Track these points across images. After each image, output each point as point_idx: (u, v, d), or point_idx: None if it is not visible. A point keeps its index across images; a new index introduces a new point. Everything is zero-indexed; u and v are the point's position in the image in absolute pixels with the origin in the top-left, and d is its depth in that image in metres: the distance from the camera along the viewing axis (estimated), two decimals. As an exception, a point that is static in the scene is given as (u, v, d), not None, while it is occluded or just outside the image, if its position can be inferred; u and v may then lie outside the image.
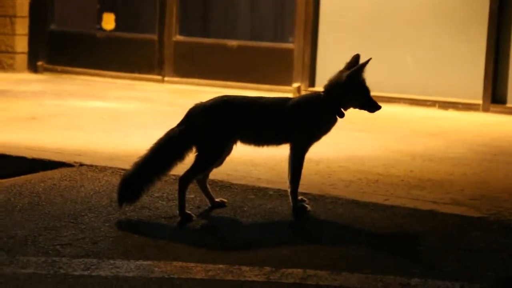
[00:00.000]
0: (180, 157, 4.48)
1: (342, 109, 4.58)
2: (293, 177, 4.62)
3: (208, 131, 4.46)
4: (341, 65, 4.63)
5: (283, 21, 10.72)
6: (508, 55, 9.44)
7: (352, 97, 4.54)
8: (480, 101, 9.45)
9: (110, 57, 11.37)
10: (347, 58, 4.61)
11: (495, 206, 4.94)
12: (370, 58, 4.46)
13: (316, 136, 4.62)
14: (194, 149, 4.48)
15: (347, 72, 4.51)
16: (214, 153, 4.51)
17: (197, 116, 4.48)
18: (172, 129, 4.53)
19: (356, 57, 4.59)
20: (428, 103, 9.63)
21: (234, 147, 4.61)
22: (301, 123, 4.55)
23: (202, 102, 4.55)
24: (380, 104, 4.64)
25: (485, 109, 9.41)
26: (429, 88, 9.72)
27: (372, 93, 4.62)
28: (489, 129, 8.27)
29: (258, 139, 4.59)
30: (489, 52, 9.42)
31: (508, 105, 9.39)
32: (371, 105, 4.58)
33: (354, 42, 9.84)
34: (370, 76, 4.73)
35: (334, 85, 4.57)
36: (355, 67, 4.50)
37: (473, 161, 6.40)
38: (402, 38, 9.85)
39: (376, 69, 9.52)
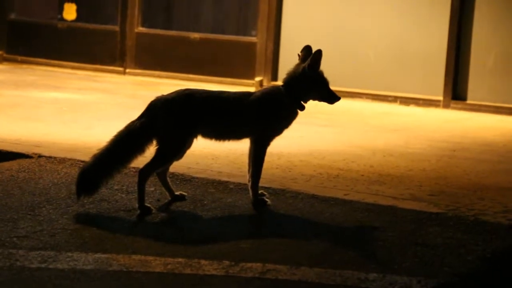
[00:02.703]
0: (140, 150, 4.46)
1: (302, 102, 4.60)
2: (254, 171, 4.62)
3: (169, 124, 4.44)
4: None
5: (246, 15, 10.71)
6: (469, 52, 9.53)
7: (311, 89, 4.56)
8: (440, 98, 9.53)
9: (71, 48, 11.27)
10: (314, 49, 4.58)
11: (453, 202, 4.99)
12: (320, 50, 4.48)
13: (278, 130, 4.63)
14: (154, 142, 4.46)
15: (304, 64, 4.53)
16: (174, 147, 4.49)
17: (158, 109, 4.46)
18: (133, 122, 4.50)
19: (307, 48, 4.60)
20: (390, 98, 9.69)
21: (195, 140, 4.60)
22: (263, 117, 4.55)
23: (163, 95, 4.53)
24: (342, 99, 4.66)
25: (446, 106, 9.49)
26: (391, 83, 9.78)
27: (334, 88, 4.64)
28: (449, 125, 8.35)
29: (220, 133, 4.59)
30: (450, 48, 9.51)
31: (468, 101, 9.49)
32: (331, 97, 4.60)
33: (318, 36, 9.86)
34: (332, 71, 4.74)
35: (292, 78, 4.58)
36: (310, 58, 4.51)
37: (433, 157, 6.46)
38: (365, 33, 9.90)
39: (338, 64, 9.60)
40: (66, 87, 9.55)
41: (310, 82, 4.54)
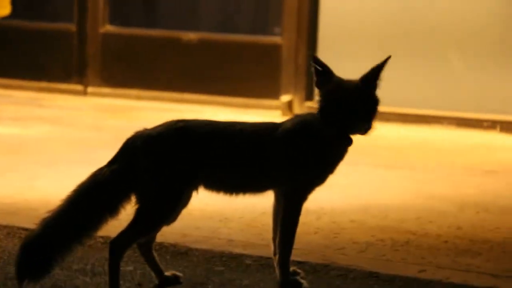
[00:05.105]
0: (112, 210, 4.49)
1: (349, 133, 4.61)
2: (283, 239, 4.64)
3: (155, 173, 4.48)
4: (354, 65, 4.65)
5: (266, 5, 10.79)
6: None
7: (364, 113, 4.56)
8: None
9: (4, 58, 11.36)
10: (363, 56, 4.63)
11: None
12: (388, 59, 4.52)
13: (319, 178, 4.65)
14: (133, 200, 4.50)
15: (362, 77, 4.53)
16: (163, 206, 4.52)
17: (139, 151, 4.49)
18: (101, 169, 4.54)
19: (316, 61, 4.57)
20: (485, 124, 9.69)
21: (194, 194, 4.64)
22: (296, 160, 4.57)
23: (146, 129, 4.57)
24: (413, 125, 4.67)
25: None
26: (487, 101, 9.79)
27: (398, 110, 4.66)
28: None
29: (231, 184, 4.62)
30: None
31: None
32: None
33: (372, 32, 9.86)
34: (395, 83, 4.78)
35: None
36: (369, 71, 4.53)
37: (553, 213, 6.47)
38: (443, 24, 9.93)
39: (405, 78, 9.61)
40: (-3, 117, 9.64)
41: (365, 103, 4.55)
